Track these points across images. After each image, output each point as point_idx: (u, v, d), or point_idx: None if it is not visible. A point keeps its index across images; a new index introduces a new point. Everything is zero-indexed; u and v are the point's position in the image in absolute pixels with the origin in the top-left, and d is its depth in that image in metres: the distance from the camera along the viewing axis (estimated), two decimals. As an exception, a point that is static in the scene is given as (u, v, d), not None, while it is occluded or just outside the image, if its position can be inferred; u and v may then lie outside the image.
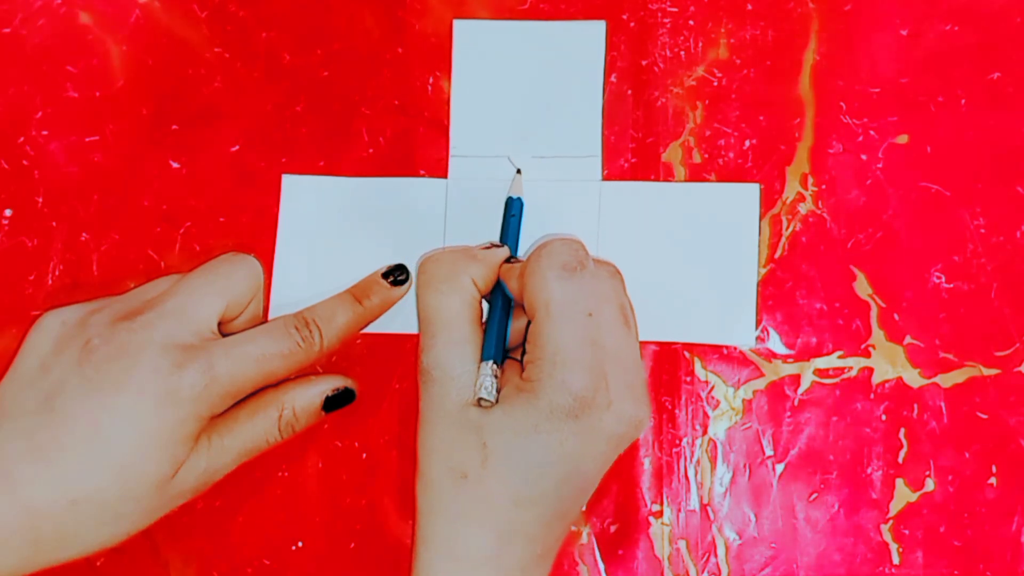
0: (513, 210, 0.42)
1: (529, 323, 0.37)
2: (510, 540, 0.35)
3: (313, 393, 0.40)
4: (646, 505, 0.41)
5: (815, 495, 0.41)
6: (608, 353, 0.36)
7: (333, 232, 0.43)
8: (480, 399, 0.36)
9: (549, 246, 0.37)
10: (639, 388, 0.37)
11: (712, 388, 0.42)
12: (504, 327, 0.39)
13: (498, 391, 0.36)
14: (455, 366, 0.37)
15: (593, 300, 0.36)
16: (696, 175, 0.43)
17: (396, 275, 0.42)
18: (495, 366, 0.37)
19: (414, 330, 0.42)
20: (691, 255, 0.42)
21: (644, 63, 0.44)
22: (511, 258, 0.40)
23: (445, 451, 0.36)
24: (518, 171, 0.43)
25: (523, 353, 0.37)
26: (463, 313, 0.38)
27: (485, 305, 0.40)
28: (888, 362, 0.42)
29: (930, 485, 0.41)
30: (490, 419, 0.35)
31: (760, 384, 0.42)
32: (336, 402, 0.40)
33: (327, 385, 0.40)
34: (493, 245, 0.40)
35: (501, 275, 0.39)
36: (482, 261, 0.39)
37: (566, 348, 0.35)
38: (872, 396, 0.42)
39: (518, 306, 0.39)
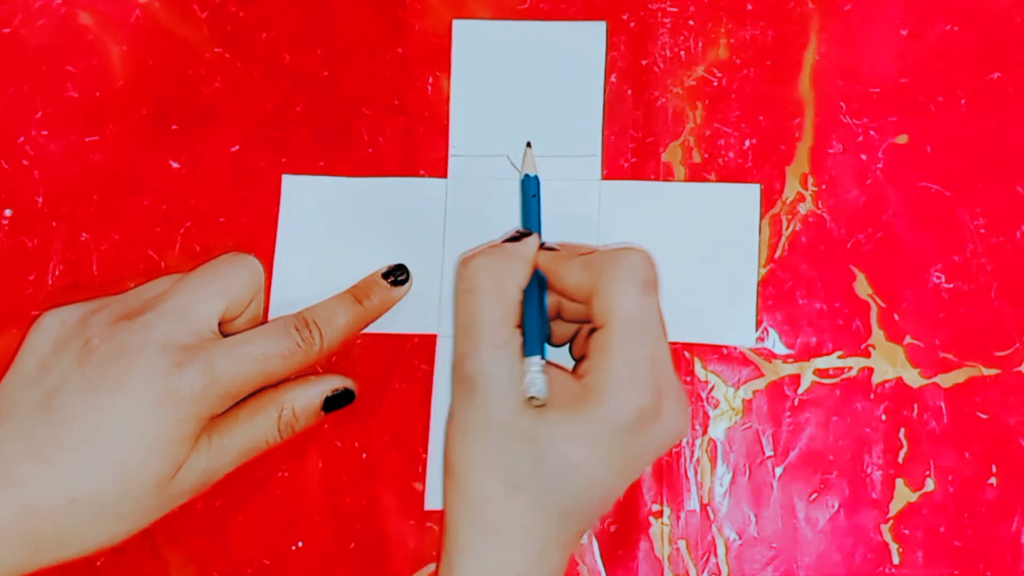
0: (533, 189, 0.41)
1: (592, 329, 0.36)
2: (550, 552, 0.35)
3: (313, 393, 0.40)
4: (646, 505, 0.41)
5: (815, 495, 0.41)
6: (662, 369, 0.36)
7: (333, 232, 0.43)
8: (531, 397, 0.35)
9: (632, 258, 0.36)
10: (684, 400, 0.37)
11: (712, 388, 0.42)
12: (544, 320, 0.38)
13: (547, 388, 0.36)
14: (502, 371, 0.35)
15: (659, 321, 0.36)
16: (696, 175, 0.43)
17: (396, 275, 0.42)
18: (542, 360, 0.36)
19: (414, 330, 0.42)
20: (691, 255, 0.43)
21: (644, 63, 0.44)
22: (544, 244, 0.39)
23: (496, 462, 0.35)
24: (528, 144, 0.42)
25: (571, 347, 0.37)
26: (507, 318, 0.36)
27: None
28: (888, 362, 0.42)
29: (930, 485, 0.41)
30: (547, 429, 0.35)
31: (760, 384, 0.42)
32: (336, 402, 0.40)
33: (327, 385, 0.40)
34: (520, 233, 0.39)
35: (546, 266, 0.38)
36: (520, 259, 0.38)
37: (637, 365, 0.35)
38: (872, 396, 0.42)
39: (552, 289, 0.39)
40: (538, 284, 0.38)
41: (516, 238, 0.39)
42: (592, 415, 0.34)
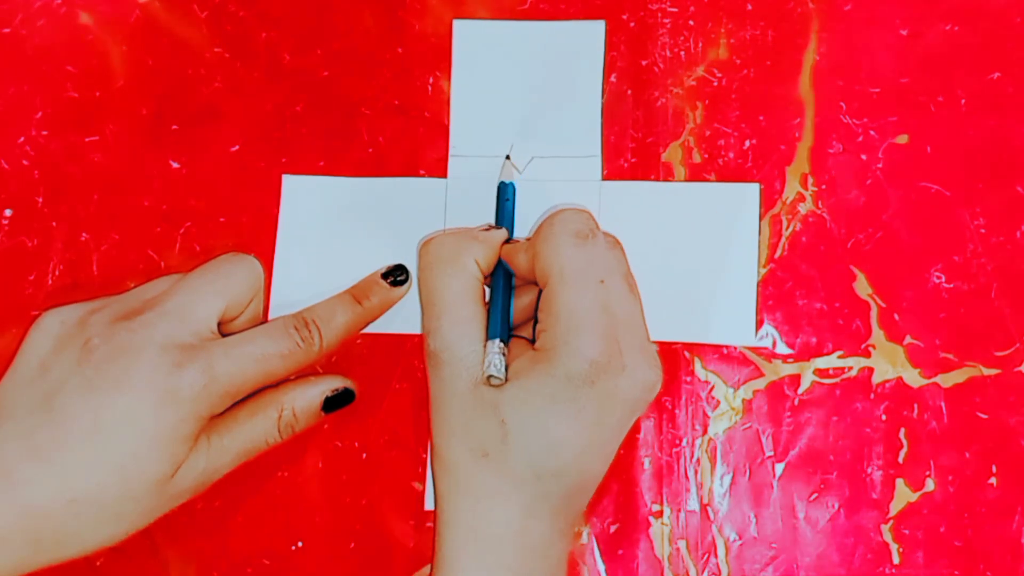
0: (507, 195, 0.42)
1: (539, 295, 0.37)
2: (534, 515, 0.36)
3: (313, 394, 0.40)
4: (646, 505, 0.41)
5: (815, 495, 0.41)
6: (619, 319, 0.36)
7: (333, 232, 0.43)
8: (489, 377, 0.36)
9: (561, 214, 0.37)
10: (650, 352, 0.37)
11: (712, 388, 0.42)
12: (508, 305, 0.39)
13: (507, 368, 0.36)
14: (463, 346, 0.37)
15: (603, 268, 0.36)
16: (696, 175, 0.43)
17: (396, 275, 0.42)
18: (502, 344, 0.37)
19: (414, 330, 0.42)
20: (691, 255, 0.42)
21: (644, 63, 0.44)
22: (510, 239, 0.40)
23: (463, 432, 0.36)
24: (507, 156, 0.43)
25: (534, 324, 0.37)
26: (467, 293, 0.38)
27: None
28: (888, 362, 0.42)
29: (930, 485, 0.41)
30: (506, 395, 0.36)
31: (760, 384, 0.42)
32: (336, 402, 0.40)
33: (327, 385, 0.40)
34: (491, 227, 0.40)
35: (504, 254, 0.39)
36: (483, 242, 0.39)
37: (581, 314, 0.35)
38: (872, 396, 0.42)
39: (520, 285, 0.40)
40: (504, 273, 0.39)
41: (485, 229, 0.40)
42: (544, 372, 0.35)
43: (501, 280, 0.39)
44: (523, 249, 0.38)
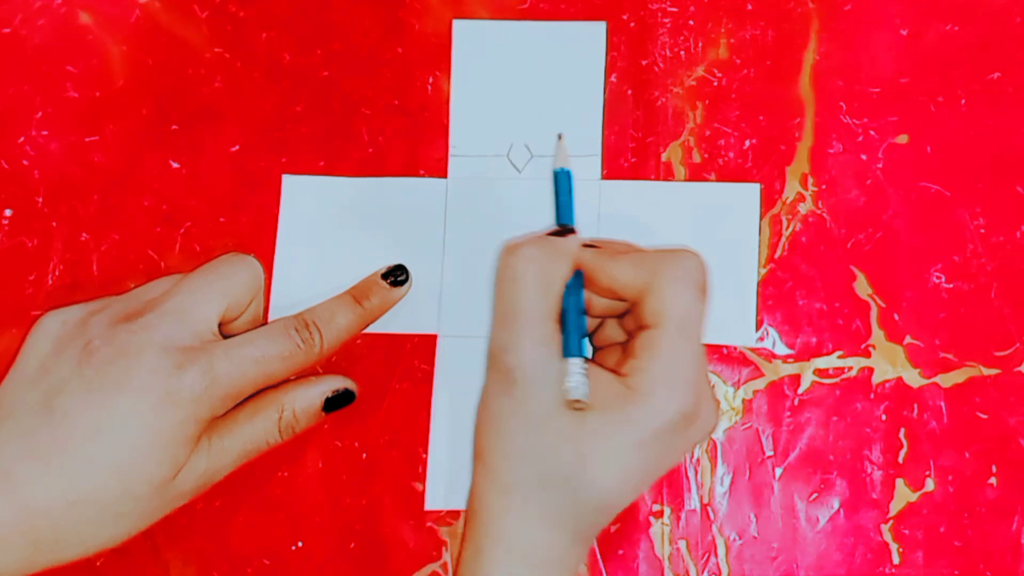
0: (566, 184, 0.40)
1: (639, 329, 0.36)
2: (581, 543, 0.36)
3: (313, 394, 0.40)
4: (646, 505, 0.41)
5: (815, 495, 0.41)
6: (702, 370, 0.36)
7: (333, 232, 0.43)
8: (573, 400, 0.35)
9: (691, 261, 0.36)
10: (715, 399, 0.38)
11: (712, 388, 0.42)
12: (584, 321, 0.38)
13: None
14: (544, 367, 0.35)
15: (704, 323, 0.36)
16: (696, 175, 0.43)
17: (396, 276, 0.42)
18: (584, 363, 0.35)
19: (414, 330, 0.42)
20: (691, 255, 0.42)
21: (644, 63, 0.44)
22: (587, 242, 0.38)
23: (535, 455, 0.35)
24: (560, 136, 0.42)
25: (628, 359, 0.36)
26: (549, 313, 0.36)
27: None
28: (888, 362, 0.42)
29: (930, 485, 0.41)
30: (590, 427, 0.35)
31: (760, 384, 0.42)
32: (336, 403, 0.40)
33: (327, 386, 0.40)
34: (563, 228, 0.39)
35: (588, 263, 0.37)
36: (565, 254, 0.37)
37: (684, 367, 0.35)
38: (872, 396, 0.42)
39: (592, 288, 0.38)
40: (580, 286, 0.38)
41: (560, 232, 0.38)
42: (637, 416, 0.34)
43: (577, 291, 0.37)
44: (627, 266, 0.36)
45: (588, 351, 0.40)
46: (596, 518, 0.36)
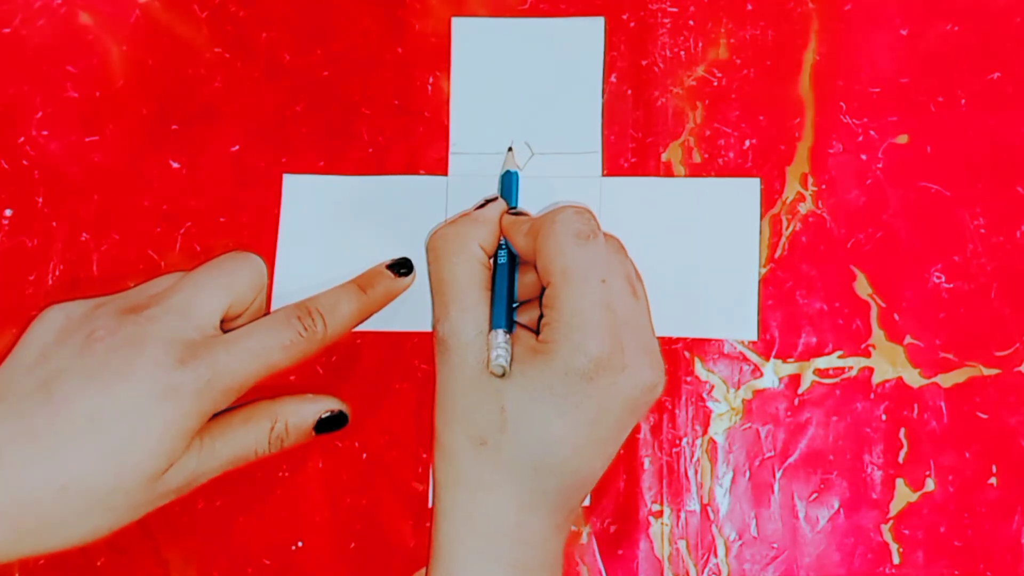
0: (509, 183, 0.42)
1: (544, 287, 0.37)
2: (530, 508, 0.36)
3: (308, 411, 0.40)
4: (646, 505, 0.41)
5: (815, 495, 0.41)
6: (621, 319, 0.36)
7: (334, 231, 0.43)
8: (493, 368, 0.36)
9: (562, 214, 0.37)
10: (653, 353, 0.37)
11: (712, 388, 0.42)
12: (511, 292, 0.39)
13: (511, 358, 0.36)
14: (469, 332, 0.37)
15: (605, 268, 0.37)
16: (696, 175, 0.43)
17: (400, 268, 0.42)
18: (505, 333, 0.37)
19: (415, 328, 0.43)
20: (692, 251, 0.42)
21: (644, 63, 0.44)
22: (511, 209, 0.41)
23: (464, 418, 0.36)
24: (509, 148, 0.43)
25: (540, 317, 0.37)
26: (474, 279, 0.38)
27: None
28: (888, 362, 0.42)
29: (930, 485, 0.41)
30: (508, 383, 0.36)
31: (760, 384, 0.42)
32: (328, 425, 0.40)
33: (322, 406, 0.40)
34: (487, 201, 0.41)
35: (505, 230, 0.39)
36: (484, 222, 0.39)
37: (582, 311, 0.35)
38: (872, 396, 0.42)
39: (524, 263, 0.40)
40: (509, 257, 0.39)
41: (482, 205, 0.40)
42: (544, 364, 0.35)
43: (505, 265, 0.39)
44: (524, 232, 0.38)
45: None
46: (537, 482, 0.36)
